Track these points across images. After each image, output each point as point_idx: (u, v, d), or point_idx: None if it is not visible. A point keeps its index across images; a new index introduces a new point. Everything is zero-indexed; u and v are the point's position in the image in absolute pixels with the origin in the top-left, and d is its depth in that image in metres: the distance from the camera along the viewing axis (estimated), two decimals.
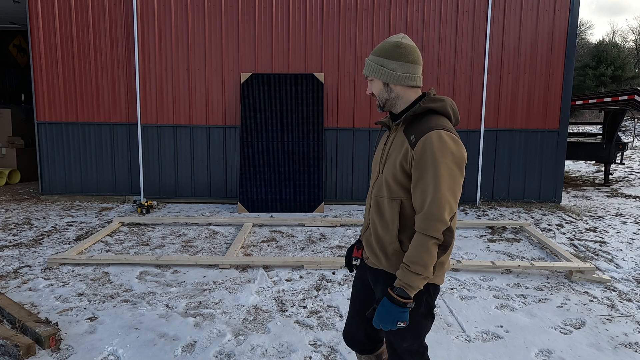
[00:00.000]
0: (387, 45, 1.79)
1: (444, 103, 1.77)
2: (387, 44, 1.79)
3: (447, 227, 1.65)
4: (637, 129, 18.58)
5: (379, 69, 1.79)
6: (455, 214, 1.70)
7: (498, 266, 4.42)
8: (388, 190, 1.79)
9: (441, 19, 7.19)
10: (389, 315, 1.67)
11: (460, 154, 1.66)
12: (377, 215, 1.85)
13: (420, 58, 1.82)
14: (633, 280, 4.32)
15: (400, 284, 1.68)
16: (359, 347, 2.09)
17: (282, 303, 3.69)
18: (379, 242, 1.84)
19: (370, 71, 1.82)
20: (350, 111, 7.35)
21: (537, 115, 7.36)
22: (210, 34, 7.18)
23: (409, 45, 1.78)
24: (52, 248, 5.04)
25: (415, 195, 1.69)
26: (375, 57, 1.81)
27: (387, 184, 1.79)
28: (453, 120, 1.80)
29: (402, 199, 1.76)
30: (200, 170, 7.47)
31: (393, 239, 1.78)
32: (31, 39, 7.20)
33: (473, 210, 7.14)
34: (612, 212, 7.28)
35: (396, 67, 1.77)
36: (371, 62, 1.82)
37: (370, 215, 1.89)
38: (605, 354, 3.00)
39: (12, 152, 9.13)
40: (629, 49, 34.38)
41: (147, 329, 3.23)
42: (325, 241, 5.43)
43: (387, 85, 1.81)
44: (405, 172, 1.73)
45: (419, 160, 1.66)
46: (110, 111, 7.37)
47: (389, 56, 1.77)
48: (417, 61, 1.79)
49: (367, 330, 2.03)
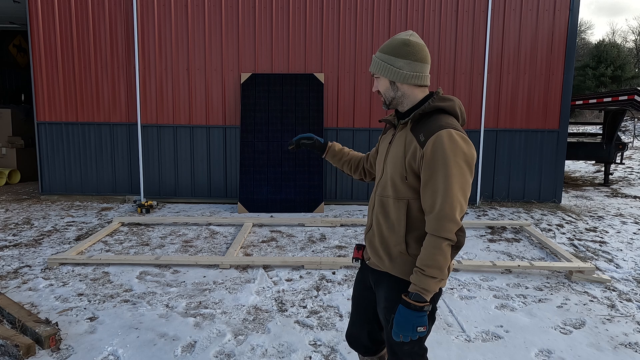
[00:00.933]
0: (395, 42, 1.75)
1: (453, 103, 1.74)
2: (395, 41, 1.75)
3: (460, 227, 1.62)
4: (637, 129, 18.58)
5: (386, 66, 1.75)
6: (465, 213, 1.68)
7: (498, 266, 4.42)
8: (394, 189, 1.75)
9: (441, 19, 7.19)
10: (408, 322, 1.63)
11: (470, 153, 1.64)
12: (382, 216, 1.80)
13: (429, 56, 1.77)
14: (633, 280, 4.32)
15: (416, 289, 1.63)
16: (362, 349, 2.07)
17: (282, 303, 3.69)
18: (383, 243, 1.80)
19: (376, 68, 1.78)
20: (350, 111, 7.35)
21: (537, 115, 7.36)
22: (210, 34, 7.18)
23: (417, 43, 1.74)
24: (52, 248, 5.04)
25: (425, 196, 1.65)
26: (382, 54, 1.77)
27: (393, 184, 1.76)
28: (460, 120, 1.77)
29: (409, 199, 1.72)
30: (200, 170, 7.47)
31: (399, 240, 1.74)
32: (31, 39, 7.20)
33: (473, 210, 7.14)
34: (612, 212, 7.28)
35: (403, 65, 1.73)
36: (378, 59, 1.78)
37: (375, 215, 1.85)
38: (605, 354, 3.00)
39: (12, 152, 9.13)
40: (629, 49, 34.39)
41: (147, 329, 3.23)
42: (325, 241, 5.43)
43: (394, 84, 1.77)
44: (413, 171, 1.69)
45: (430, 160, 1.62)
46: (110, 111, 7.37)
47: (397, 54, 1.73)
48: (425, 60, 1.75)
49: (370, 332, 2.02)
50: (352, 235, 5.66)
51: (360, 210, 7.12)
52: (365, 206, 7.42)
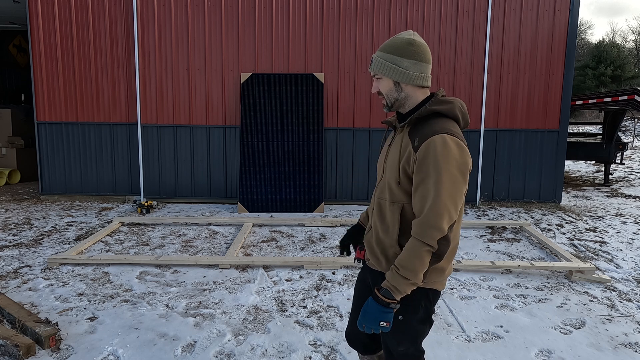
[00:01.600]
0: (399, 42, 1.70)
1: (452, 105, 1.70)
2: (398, 41, 1.71)
3: (444, 235, 1.59)
4: (637, 129, 18.58)
5: (391, 67, 1.70)
6: (455, 222, 1.64)
7: (498, 266, 4.42)
8: (390, 193, 1.75)
9: (441, 19, 7.19)
10: (372, 314, 1.64)
11: (464, 160, 1.60)
12: (379, 218, 1.81)
13: (431, 57, 1.74)
14: (633, 280, 4.32)
15: (387, 286, 1.64)
16: (361, 347, 2.09)
17: (282, 303, 3.69)
18: (379, 245, 1.81)
19: (379, 68, 1.73)
20: (350, 111, 7.35)
21: (537, 115, 7.36)
22: (210, 34, 7.18)
23: (421, 43, 1.71)
24: (52, 248, 5.04)
25: (415, 200, 1.64)
26: (385, 54, 1.72)
27: (389, 187, 1.75)
28: (462, 123, 1.73)
29: (403, 203, 1.71)
30: (200, 170, 7.47)
31: (393, 242, 1.75)
32: (31, 39, 7.20)
33: (473, 210, 7.14)
34: (612, 212, 7.28)
35: (409, 65, 1.69)
36: (381, 59, 1.72)
37: (373, 217, 1.86)
38: (605, 354, 3.00)
39: (12, 152, 9.13)
40: (629, 49, 34.39)
41: (147, 329, 3.23)
42: (325, 241, 5.43)
43: (398, 85, 1.73)
44: (407, 176, 1.68)
45: (421, 165, 1.60)
46: (110, 111, 7.37)
47: (402, 54, 1.69)
48: (429, 60, 1.72)
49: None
50: None
51: (360, 210, 7.12)
52: (365, 206, 7.42)
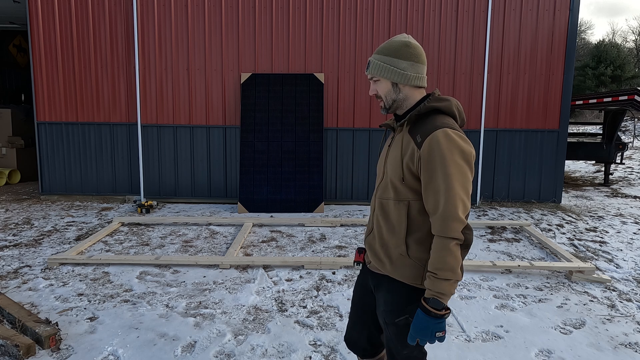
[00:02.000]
0: (396, 44, 1.74)
1: (449, 103, 1.73)
2: (395, 43, 1.75)
3: (465, 225, 1.61)
4: (637, 129, 18.58)
5: (389, 68, 1.74)
6: (469, 211, 1.66)
7: (498, 266, 4.42)
8: (394, 191, 1.75)
9: (441, 19, 7.19)
10: (427, 329, 1.61)
11: (468, 150, 1.63)
12: (383, 218, 1.80)
13: (426, 58, 1.79)
14: (633, 280, 4.32)
15: (432, 294, 1.60)
16: (361, 352, 2.07)
17: (282, 303, 3.69)
18: (383, 246, 1.80)
19: (377, 71, 1.76)
20: (350, 111, 7.35)
21: (537, 115, 7.37)
22: (210, 34, 7.18)
23: (417, 45, 1.76)
24: (52, 248, 5.04)
25: (427, 197, 1.64)
26: (382, 56, 1.75)
27: (393, 186, 1.75)
28: (459, 120, 1.76)
29: (409, 200, 1.71)
30: (200, 170, 7.47)
31: (400, 242, 1.73)
32: (31, 39, 7.20)
33: (473, 210, 7.14)
34: (612, 212, 7.28)
35: (407, 67, 1.73)
36: (378, 61, 1.76)
37: (375, 218, 1.84)
38: (605, 354, 3.00)
39: (12, 152, 9.13)
40: (629, 49, 34.40)
41: (147, 329, 3.23)
42: (325, 241, 5.43)
43: (396, 86, 1.76)
44: (412, 173, 1.69)
45: (427, 161, 1.61)
46: (110, 111, 7.37)
47: (399, 56, 1.73)
48: (424, 61, 1.77)
49: (369, 335, 2.01)
50: (352, 235, 5.66)
51: (360, 210, 7.12)
52: (365, 206, 7.42)
